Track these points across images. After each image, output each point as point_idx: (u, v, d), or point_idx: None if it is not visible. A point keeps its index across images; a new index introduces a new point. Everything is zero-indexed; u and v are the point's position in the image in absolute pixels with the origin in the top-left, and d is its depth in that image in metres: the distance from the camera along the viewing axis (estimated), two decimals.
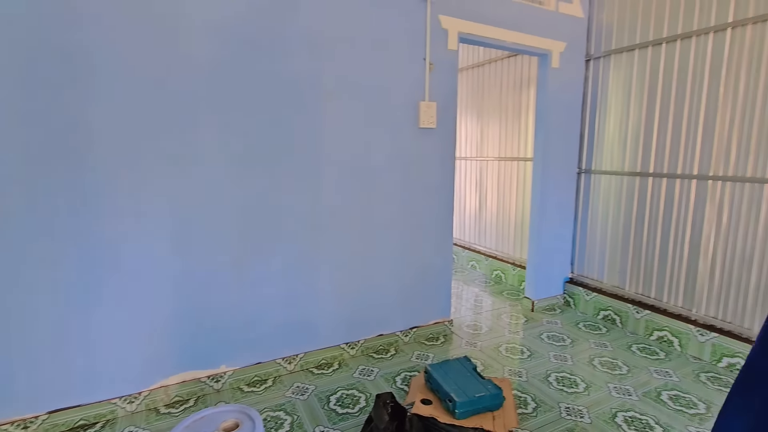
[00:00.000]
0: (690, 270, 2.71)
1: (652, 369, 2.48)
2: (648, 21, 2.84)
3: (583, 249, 3.44)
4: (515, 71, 3.89)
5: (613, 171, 3.15)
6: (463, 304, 3.59)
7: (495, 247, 4.32)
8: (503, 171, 4.13)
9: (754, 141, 2.36)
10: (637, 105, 2.96)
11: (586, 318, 3.26)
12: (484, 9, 2.73)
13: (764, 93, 2.30)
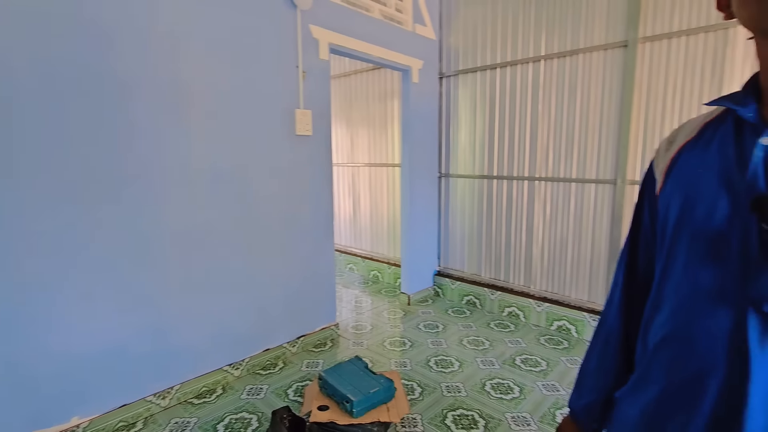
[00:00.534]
0: (527, 254, 3.31)
1: (507, 340, 2.96)
2: (485, 49, 3.38)
3: (447, 244, 3.88)
4: (380, 83, 4.17)
5: (467, 175, 3.65)
6: (346, 306, 3.68)
7: (371, 249, 4.54)
8: (374, 176, 4.38)
9: (562, 149, 3.02)
10: (481, 119, 3.49)
11: (453, 304, 3.69)
12: (351, 23, 2.87)
13: (568, 112, 2.97)
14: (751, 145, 0.52)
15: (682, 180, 0.60)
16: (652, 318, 0.62)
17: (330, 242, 2.92)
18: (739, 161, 0.53)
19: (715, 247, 0.53)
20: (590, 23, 2.81)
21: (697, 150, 0.60)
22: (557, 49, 2.97)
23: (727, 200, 0.53)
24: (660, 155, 0.67)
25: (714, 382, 0.51)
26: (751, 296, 0.48)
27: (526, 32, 3.12)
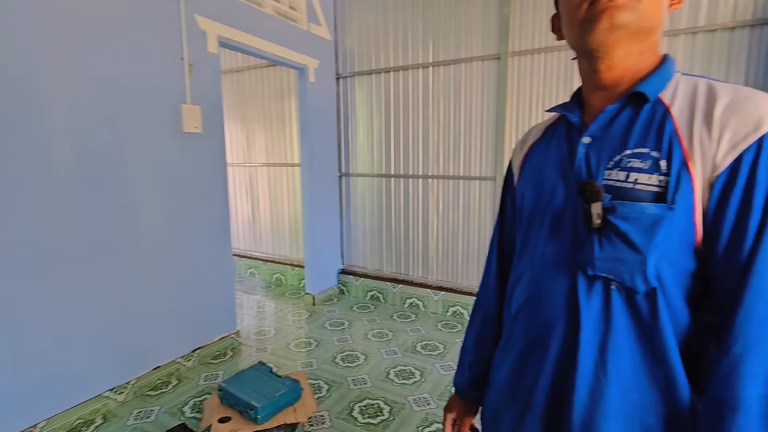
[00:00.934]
0: (424, 247, 3.54)
1: (408, 329, 3.13)
2: (379, 53, 3.52)
3: (349, 242, 3.95)
4: (277, 81, 4.06)
5: (366, 173, 3.76)
6: (248, 312, 3.53)
7: (272, 251, 4.40)
8: (273, 176, 4.25)
9: (451, 149, 3.30)
10: (377, 120, 3.63)
11: (358, 301, 3.77)
12: (242, 17, 2.76)
13: (454, 115, 3.26)
14: (577, 143, 0.64)
15: (532, 172, 0.73)
16: (514, 288, 0.73)
17: (227, 247, 2.77)
18: (570, 155, 0.66)
19: (557, 224, 0.64)
20: (469, 37, 3.11)
21: (542, 147, 0.73)
22: (443, 57, 3.23)
23: (563, 186, 0.65)
24: (516, 154, 0.80)
25: (558, 333, 0.62)
26: (579, 262, 0.59)
27: (415, 40, 3.33)
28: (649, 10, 0.54)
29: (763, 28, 2.31)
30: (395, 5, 3.37)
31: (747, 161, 0.49)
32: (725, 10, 2.37)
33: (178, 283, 2.45)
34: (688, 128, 0.54)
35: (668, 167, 0.53)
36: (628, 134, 0.58)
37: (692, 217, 0.53)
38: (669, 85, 0.58)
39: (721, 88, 0.54)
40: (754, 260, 0.49)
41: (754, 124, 0.50)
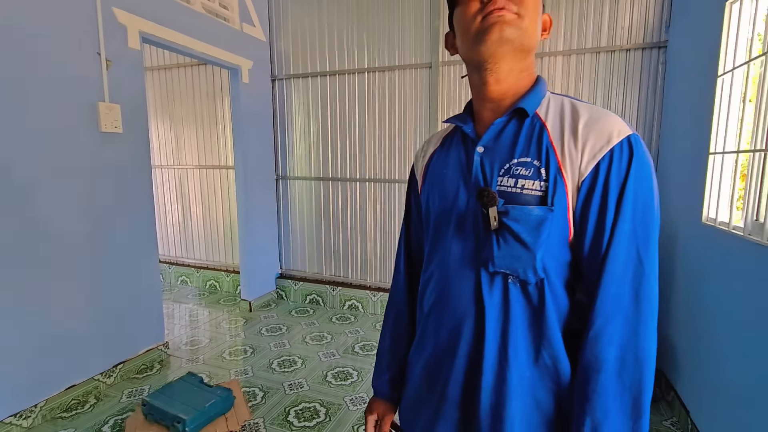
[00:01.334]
0: (363, 249, 3.59)
1: (347, 331, 3.16)
2: (315, 57, 3.52)
3: (287, 246, 3.89)
4: (208, 79, 3.91)
5: (304, 177, 3.74)
6: (178, 322, 3.35)
7: (206, 258, 4.22)
8: (206, 179, 4.08)
9: (387, 153, 3.39)
10: (315, 123, 3.63)
11: (297, 305, 3.73)
12: (168, 13, 2.63)
13: (390, 119, 3.35)
14: (473, 152, 0.71)
15: (436, 179, 0.78)
16: (425, 288, 0.77)
17: (153, 254, 2.62)
18: (468, 163, 0.72)
19: (461, 226, 0.70)
20: (403, 46, 3.22)
21: (442, 156, 0.79)
22: (378, 64, 3.32)
23: (464, 191, 0.71)
24: (418, 161, 0.85)
25: (467, 326, 0.68)
26: (481, 260, 0.66)
27: (351, 46, 3.38)
28: (530, 30, 0.64)
29: (653, 50, 2.65)
30: (331, 11, 3.40)
31: (603, 168, 0.60)
32: (622, 34, 2.69)
33: (97, 295, 2.28)
34: (560, 140, 0.63)
35: (547, 174, 0.62)
36: (515, 144, 0.67)
37: (566, 217, 0.62)
38: (543, 101, 0.68)
39: (581, 106, 0.65)
40: (609, 252, 0.59)
41: (606, 138, 0.60)
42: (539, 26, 0.67)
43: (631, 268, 0.59)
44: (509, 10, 0.61)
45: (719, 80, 1.85)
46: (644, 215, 0.59)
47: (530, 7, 0.63)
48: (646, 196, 0.59)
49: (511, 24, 0.61)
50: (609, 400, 0.59)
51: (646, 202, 0.59)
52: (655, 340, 0.60)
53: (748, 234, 1.54)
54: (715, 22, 1.90)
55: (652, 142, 2.70)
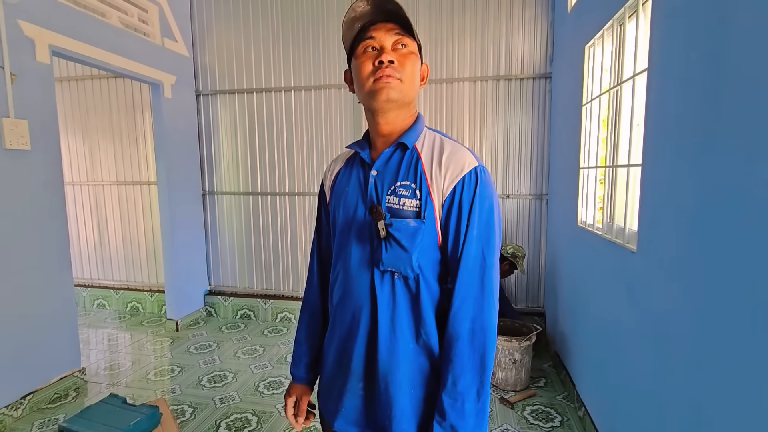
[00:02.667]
0: (294, 261, 3.67)
1: (279, 342, 3.21)
2: (242, 74, 3.58)
3: (216, 261, 3.84)
4: (127, 92, 3.78)
5: (232, 191, 3.74)
6: (96, 348, 3.16)
7: (126, 278, 4.01)
8: (125, 196, 3.91)
9: (315, 167, 3.53)
10: (242, 138, 3.66)
11: (228, 321, 3.69)
12: (82, 27, 2.57)
13: (317, 135, 3.50)
14: (368, 174, 0.88)
15: (341, 194, 0.93)
16: (333, 286, 0.94)
17: (66, 276, 2.50)
18: (365, 183, 0.89)
19: (359, 235, 0.87)
20: (327, 66, 3.41)
21: (346, 175, 0.95)
22: (305, 83, 3.46)
23: (362, 207, 0.87)
24: (326, 177, 1.01)
25: (365, 313, 0.86)
26: (375, 261, 0.84)
27: (278, 64, 3.50)
28: (410, 89, 0.84)
29: (541, 80, 3.10)
30: (257, 29, 3.50)
31: (458, 190, 0.80)
32: (516, 65, 3.12)
33: (1, 323, 2.13)
34: (430, 168, 0.83)
35: (420, 194, 0.82)
36: (398, 171, 0.85)
37: (435, 226, 0.82)
38: (420, 136, 0.88)
39: (446, 142, 0.86)
40: (463, 251, 0.80)
41: (460, 168, 0.81)
42: (417, 81, 0.86)
43: (478, 262, 0.80)
44: (394, 77, 0.80)
45: (584, 108, 2.27)
46: (486, 224, 0.80)
47: (409, 72, 0.82)
48: (488, 210, 0.81)
49: (394, 88, 0.80)
50: (464, 360, 0.79)
51: (488, 214, 0.81)
52: (495, 313, 0.82)
53: (605, 233, 1.92)
54: (579, 60, 2.33)
55: (544, 160, 3.14)
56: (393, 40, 0.82)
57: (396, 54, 0.81)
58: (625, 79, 1.75)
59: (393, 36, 0.82)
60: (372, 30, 0.82)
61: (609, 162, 1.94)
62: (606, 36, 1.99)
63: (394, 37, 0.82)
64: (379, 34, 0.82)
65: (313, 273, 1.05)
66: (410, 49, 0.83)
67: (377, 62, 0.80)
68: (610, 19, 1.85)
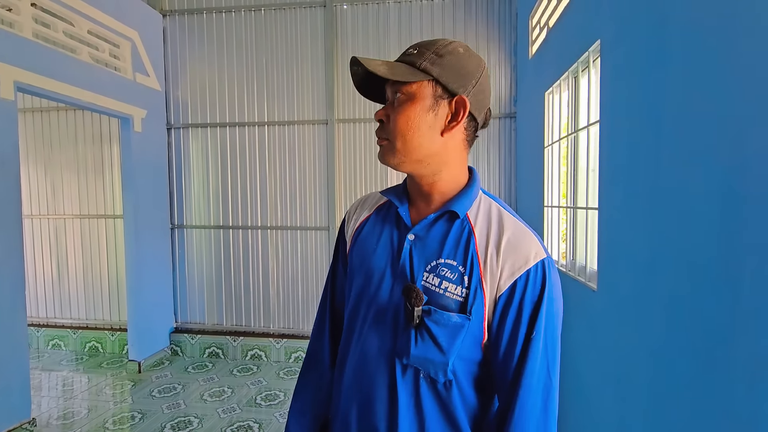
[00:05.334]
0: (265, 296, 3.60)
1: (249, 383, 3.10)
2: (215, 108, 3.60)
3: (184, 298, 3.72)
4: (95, 123, 3.71)
5: (202, 225, 3.67)
6: (48, 394, 2.96)
7: (86, 317, 3.80)
8: (88, 229, 3.76)
9: (288, 201, 3.53)
10: (215, 171, 3.64)
11: (194, 360, 3.54)
12: (50, 63, 2.54)
13: (290, 170, 3.51)
14: (404, 237, 0.71)
15: (363, 251, 0.77)
16: (343, 363, 0.76)
17: (20, 316, 2.36)
18: (398, 246, 0.72)
19: (383, 312, 0.71)
20: (301, 102, 3.48)
21: (374, 228, 0.78)
22: (277, 118, 3.51)
23: (390, 279, 0.71)
24: (350, 221, 0.84)
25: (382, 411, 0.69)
26: (397, 351, 0.68)
27: (251, 99, 3.54)
28: (406, 147, 0.67)
29: (507, 119, 3.27)
30: (230, 64, 3.54)
31: (519, 287, 0.64)
32: None
33: None
34: (485, 251, 0.67)
35: (469, 282, 0.66)
36: (443, 243, 0.69)
37: (482, 324, 0.66)
38: (474, 203, 0.71)
39: (506, 219, 0.69)
40: (525, 365, 0.63)
41: (524, 259, 0.65)
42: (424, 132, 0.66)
43: (542, 382, 0.64)
44: (382, 139, 0.69)
45: (546, 150, 2.40)
46: (553, 335, 0.65)
47: (400, 127, 0.66)
48: (555, 318, 0.65)
49: (384, 153, 0.69)
50: None
51: (554, 323, 0.65)
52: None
53: (569, 270, 2.00)
54: (540, 105, 2.48)
55: (511, 195, 3.27)
56: (391, 91, 0.69)
57: (390, 108, 0.69)
58: (580, 128, 1.88)
59: (391, 87, 0.69)
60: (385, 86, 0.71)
61: (570, 202, 2.05)
62: (563, 85, 2.13)
63: (392, 89, 0.68)
64: (386, 88, 0.70)
65: (324, 328, 0.87)
66: (406, 97, 0.66)
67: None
68: (566, 71, 1.99)
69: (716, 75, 0.92)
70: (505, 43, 3.25)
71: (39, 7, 2.55)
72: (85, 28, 2.82)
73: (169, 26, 3.60)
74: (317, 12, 3.42)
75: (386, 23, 3.36)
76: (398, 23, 3.35)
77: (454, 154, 0.70)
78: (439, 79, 0.65)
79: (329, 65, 3.39)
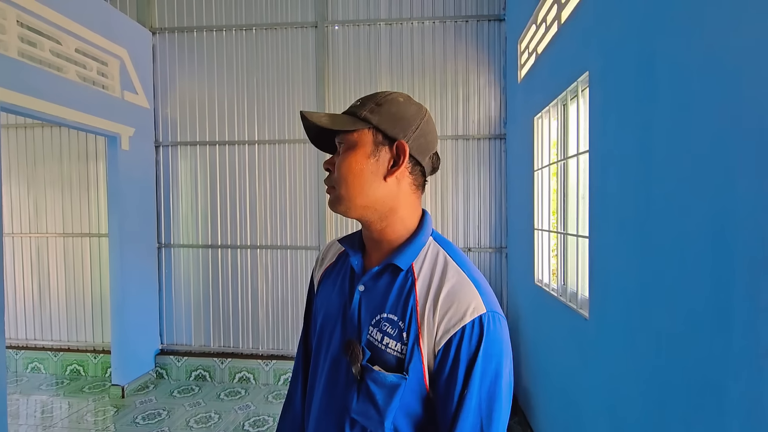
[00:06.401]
0: (254, 317, 3.54)
1: (237, 407, 3.02)
2: (204, 126, 3.57)
3: (170, 318, 3.63)
4: (80, 140, 3.64)
5: (190, 244, 3.61)
6: (26, 422, 2.84)
7: (67, 338, 3.69)
8: (72, 248, 3.67)
9: (278, 221, 3.50)
10: (203, 190, 3.59)
11: (180, 384, 3.44)
12: (34, 82, 2.49)
13: (280, 189, 3.49)
14: (356, 286, 0.72)
15: (323, 298, 0.78)
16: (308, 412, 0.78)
17: None
18: (350, 296, 0.72)
19: (335, 365, 0.72)
20: (292, 121, 3.47)
21: (334, 275, 0.80)
22: (269, 137, 3.49)
23: (340, 331, 0.72)
24: (316, 269, 0.87)
25: None
26: (345, 405, 0.69)
27: (242, 117, 3.52)
28: (350, 193, 0.68)
29: (496, 140, 3.30)
30: (221, 83, 3.53)
31: (454, 344, 0.63)
32: (474, 127, 3.31)
33: None
34: (423, 306, 0.66)
35: (407, 338, 0.65)
36: (387, 297, 0.69)
37: (422, 380, 0.65)
38: (421, 253, 0.70)
39: (450, 269, 0.68)
40: (457, 423, 0.62)
41: (461, 314, 0.63)
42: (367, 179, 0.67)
43: None
44: (329, 184, 0.71)
45: (536, 173, 2.42)
46: (489, 392, 0.62)
47: (343, 175, 0.67)
48: (494, 374, 0.63)
49: (333, 203, 0.70)
50: None
51: (492, 379, 0.63)
52: None
53: (560, 296, 2.00)
54: (529, 128, 2.51)
55: (502, 216, 3.29)
56: (337, 142, 0.71)
57: (336, 158, 0.71)
58: (570, 155, 1.90)
59: (337, 137, 0.71)
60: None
61: (560, 227, 2.07)
62: (552, 112, 2.17)
63: (338, 138, 0.71)
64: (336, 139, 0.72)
65: (298, 372, 0.90)
66: (348, 145, 0.69)
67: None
68: (555, 99, 2.02)
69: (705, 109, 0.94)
70: (495, 65, 3.30)
71: (25, 26, 2.51)
72: (72, 46, 2.79)
73: (159, 44, 3.58)
74: (309, 32, 3.44)
75: (377, 44, 3.39)
76: (389, 44, 3.38)
77: (402, 199, 0.70)
78: (378, 126, 0.67)
79: (320, 85, 3.40)
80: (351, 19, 3.41)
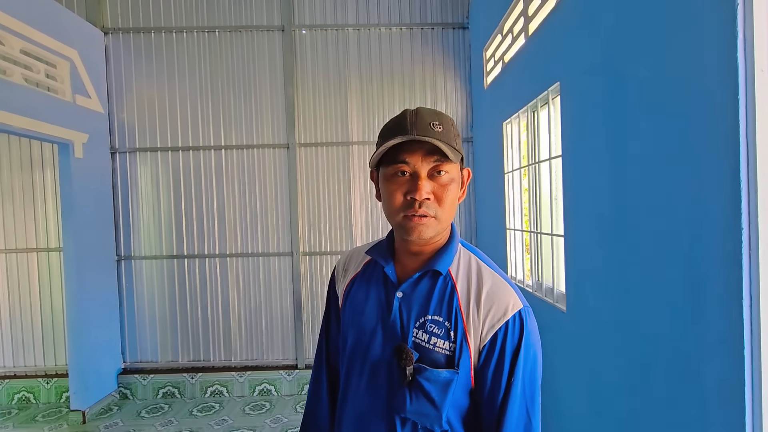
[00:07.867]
0: (225, 328, 3.43)
1: (212, 423, 2.92)
2: (165, 131, 3.41)
3: (133, 335, 3.43)
4: (23, 148, 3.35)
5: (153, 255, 3.43)
6: None
7: (13, 364, 3.38)
8: (17, 265, 3.37)
9: (248, 227, 3.41)
10: (167, 197, 3.43)
11: (147, 403, 3.27)
12: None
13: (250, 195, 3.41)
14: (393, 294, 0.75)
15: (354, 311, 0.80)
16: (340, 423, 0.80)
17: None
18: (387, 304, 0.76)
19: (377, 371, 0.75)
20: (260, 126, 3.40)
21: (363, 285, 0.82)
22: (236, 142, 3.40)
23: (381, 335, 0.76)
24: (339, 279, 0.88)
25: None
26: (394, 408, 0.72)
27: (206, 122, 3.40)
28: (445, 218, 0.72)
29: (463, 144, 3.42)
30: (182, 85, 3.38)
31: (500, 337, 0.70)
32: None
33: None
34: (467, 306, 0.72)
35: (455, 337, 0.71)
36: (429, 300, 0.74)
37: (469, 374, 0.72)
38: (455, 258, 0.77)
39: (484, 271, 0.75)
40: (505, 409, 0.70)
41: (503, 311, 0.71)
42: (456, 205, 0.74)
43: (522, 423, 0.70)
44: (428, 215, 0.69)
45: (506, 176, 2.55)
46: (531, 379, 0.71)
47: (448, 205, 0.71)
48: (533, 363, 0.71)
49: (429, 227, 0.70)
50: None
51: (532, 368, 0.71)
52: None
53: (535, 291, 2.12)
54: (498, 133, 2.63)
55: (471, 217, 3.42)
56: (430, 167, 0.69)
57: (433, 184, 0.70)
58: (542, 160, 2.03)
59: (430, 163, 0.69)
60: (407, 154, 0.69)
61: (533, 227, 2.19)
62: (522, 117, 2.29)
63: (432, 164, 0.69)
64: (414, 159, 0.69)
65: (321, 388, 0.91)
66: (450, 176, 0.71)
67: (410, 197, 0.69)
68: (525, 106, 2.15)
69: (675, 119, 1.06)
70: (460, 71, 3.42)
71: None
72: (17, 47, 2.57)
73: (112, 44, 3.37)
74: (275, 36, 3.39)
75: (346, 49, 3.41)
76: (358, 50, 3.41)
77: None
78: (462, 157, 0.74)
79: (289, 89, 3.36)
80: (318, 24, 3.39)
